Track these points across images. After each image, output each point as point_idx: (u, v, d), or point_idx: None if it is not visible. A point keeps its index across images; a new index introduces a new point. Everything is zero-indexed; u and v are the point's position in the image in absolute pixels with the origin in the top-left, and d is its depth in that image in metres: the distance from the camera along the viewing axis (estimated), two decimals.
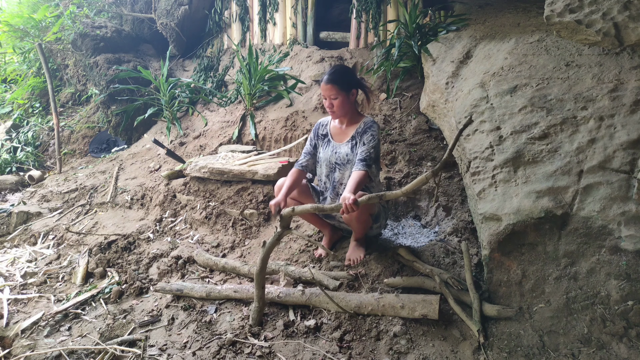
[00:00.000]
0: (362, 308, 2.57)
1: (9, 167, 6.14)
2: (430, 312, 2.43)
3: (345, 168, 2.97)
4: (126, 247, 3.80)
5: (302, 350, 2.47)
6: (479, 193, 2.72)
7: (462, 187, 3.53)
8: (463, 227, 3.18)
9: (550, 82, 2.98)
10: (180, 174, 4.57)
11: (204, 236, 3.91)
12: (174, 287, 3.02)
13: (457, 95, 3.44)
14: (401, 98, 4.72)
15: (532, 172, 2.63)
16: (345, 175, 2.97)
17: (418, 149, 4.06)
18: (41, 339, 2.78)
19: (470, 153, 2.90)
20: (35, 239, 4.24)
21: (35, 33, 6.77)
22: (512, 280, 2.51)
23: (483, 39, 3.77)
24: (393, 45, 4.35)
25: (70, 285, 3.43)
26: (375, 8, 5.26)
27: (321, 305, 2.70)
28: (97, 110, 6.65)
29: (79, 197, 4.87)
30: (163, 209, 4.33)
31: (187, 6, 6.46)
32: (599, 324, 2.27)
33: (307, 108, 4.96)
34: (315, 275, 2.87)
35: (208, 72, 6.52)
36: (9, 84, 7.68)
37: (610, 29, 2.94)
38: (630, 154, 2.49)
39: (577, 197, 2.47)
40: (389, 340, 2.42)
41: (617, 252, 2.35)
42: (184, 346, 2.60)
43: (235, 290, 2.89)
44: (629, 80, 2.79)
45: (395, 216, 3.67)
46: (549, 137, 2.73)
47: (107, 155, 6.04)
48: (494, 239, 2.54)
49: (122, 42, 6.61)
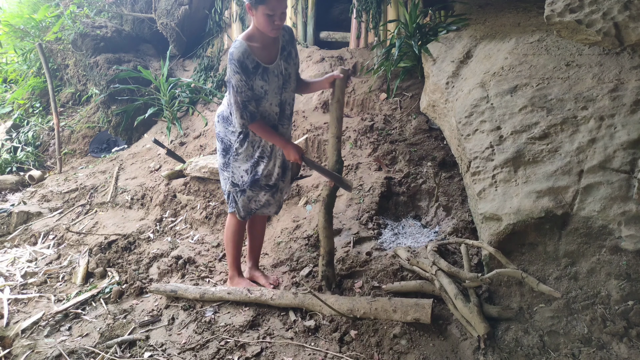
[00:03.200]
0: (354, 311, 2.56)
1: (9, 167, 6.13)
2: (423, 316, 2.42)
3: (289, 86, 2.72)
4: (126, 247, 3.80)
5: (302, 350, 2.47)
6: (479, 193, 2.72)
7: (463, 187, 3.53)
8: (463, 227, 3.18)
9: (551, 82, 2.98)
10: (181, 173, 4.57)
11: (204, 236, 3.91)
12: (168, 288, 3.01)
13: (457, 95, 3.44)
14: (401, 98, 4.71)
15: (533, 172, 2.63)
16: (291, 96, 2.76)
17: (418, 149, 4.05)
18: (41, 339, 2.78)
19: (470, 153, 2.90)
20: (35, 238, 4.24)
21: (36, 33, 6.77)
22: (512, 280, 2.51)
23: (483, 38, 3.77)
24: (393, 45, 4.35)
25: (70, 285, 3.43)
26: (375, 8, 5.26)
27: (314, 308, 2.70)
28: (97, 110, 6.65)
29: (79, 197, 4.87)
30: (163, 209, 4.33)
31: (187, 6, 6.46)
32: (600, 324, 2.27)
33: (307, 108, 4.96)
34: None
35: (208, 72, 6.52)
36: (9, 84, 7.68)
37: (611, 29, 2.94)
38: (631, 153, 2.49)
39: (578, 197, 2.47)
40: (389, 340, 2.42)
41: (617, 252, 2.35)
42: (183, 346, 2.60)
43: (229, 292, 2.88)
44: (629, 80, 2.79)
45: (395, 216, 3.67)
46: (549, 137, 2.72)
47: (107, 155, 6.04)
48: (494, 238, 2.54)
49: (122, 42, 6.61)
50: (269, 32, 2.52)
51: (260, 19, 2.46)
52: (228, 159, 2.78)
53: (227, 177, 2.83)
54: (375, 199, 3.61)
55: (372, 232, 3.37)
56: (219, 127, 2.80)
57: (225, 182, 2.87)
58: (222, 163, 2.83)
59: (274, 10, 2.45)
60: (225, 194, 2.92)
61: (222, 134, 2.78)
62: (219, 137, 2.81)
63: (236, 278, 3.04)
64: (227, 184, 2.85)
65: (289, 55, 2.70)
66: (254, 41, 2.53)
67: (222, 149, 2.80)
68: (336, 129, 2.77)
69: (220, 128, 2.78)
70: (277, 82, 2.64)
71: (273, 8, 2.44)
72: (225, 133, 2.75)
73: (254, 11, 2.46)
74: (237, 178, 2.78)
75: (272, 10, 2.44)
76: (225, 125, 2.74)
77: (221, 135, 2.78)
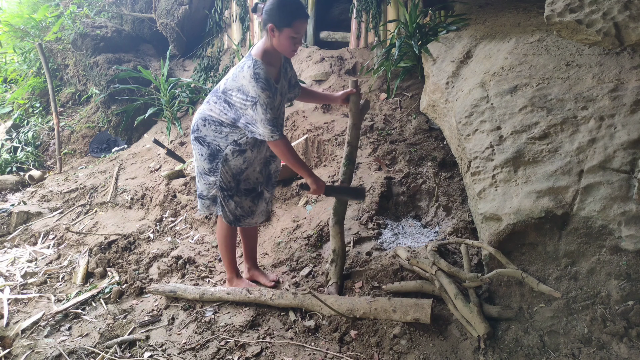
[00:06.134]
0: (354, 311, 2.56)
1: (9, 167, 6.13)
2: (423, 316, 2.41)
3: (284, 102, 2.80)
4: (126, 247, 3.80)
5: (302, 350, 2.47)
6: (479, 193, 2.72)
7: (463, 187, 3.53)
8: (463, 227, 3.18)
9: (551, 82, 2.98)
10: (181, 173, 4.57)
11: (204, 236, 3.91)
12: (168, 289, 3.00)
13: (457, 95, 3.44)
14: (401, 98, 4.71)
15: (533, 172, 2.63)
16: (283, 111, 2.84)
17: (418, 149, 4.06)
18: (41, 339, 2.78)
19: (470, 153, 2.90)
20: (35, 238, 4.24)
21: (36, 33, 6.77)
22: (512, 280, 2.51)
23: (483, 38, 3.77)
24: (393, 45, 4.35)
25: (70, 285, 3.43)
26: (375, 8, 5.26)
27: (314, 309, 2.69)
28: (97, 110, 6.65)
29: (79, 197, 4.87)
30: (163, 209, 4.33)
31: (187, 6, 6.46)
32: (600, 324, 2.27)
33: (307, 108, 4.96)
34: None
35: (208, 72, 6.52)
36: (9, 84, 7.68)
37: (611, 29, 2.94)
38: (631, 153, 2.49)
39: (578, 197, 2.47)
40: (389, 340, 2.42)
41: (617, 252, 2.35)
42: (183, 346, 2.60)
43: (228, 292, 2.88)
44: (629, 80, 2.79)
45: (395, 216, 3.67)
46: (549, 137, 2.72)
47: (107, 155, 6.04)
48: (494, 238, 2.54)
49: (122, 42, 6.61)
50: (289, 53, 2.54)
51: (283, 41, 2.46)
52: (216, 164, 2.69)
53: (212, 182, 2.73)
54: (375, 199, 3.61)
55: (372, 232, 3.37)
56: (205, 130, 2.66)
57: (208, 187, 2.76)
58: (207, 168, 2.72)
59: (299, 32, 2.46)
60: (203, 200, 2.82)
61: (209, 138, 2.66)
62: (204, 140, 2.68)
63: (235, 279, 3.04)
64: (211, 188, 2.76)
65: (285, 73, 2.72)
66: (268, 61, 2.52)
67: (208, 154, 2.69)
68: (350, 137, 3.01)
69: (207, 132, 2.66)
70: (280, 100, 2.67)
71: (298, 31, 2.45)
72: (214, 137, 2.65)
73: (278, 33, 2.44)
74: (225, 182, 2.72)
75: (297, 33, 2.45)
76: (216, 130, 2.64)
77: (208, 139, 2.67)
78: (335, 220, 2.99)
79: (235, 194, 2.76)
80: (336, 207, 3.01)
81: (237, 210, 2.81)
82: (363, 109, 3.05)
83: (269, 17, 2.44)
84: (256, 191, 2.86)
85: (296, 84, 2.88)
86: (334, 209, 3.01)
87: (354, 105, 2.97)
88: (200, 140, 2.70)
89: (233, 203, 2.77)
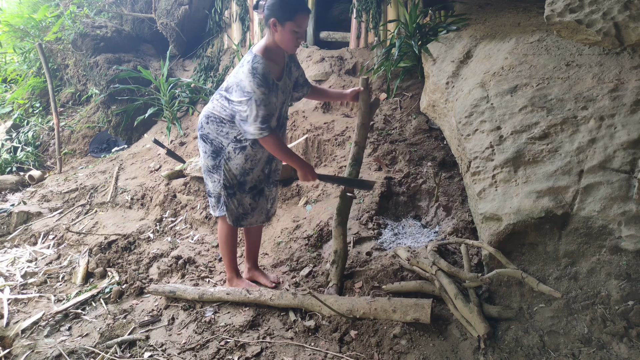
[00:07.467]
0: (354, 312, 2.56)
1: (9, 167, 6.13)
2: (423, 316, 2.41)
3: (288, 101, 2.77)
4: (126, 247, 3.80)
5: (302, 350, 2.47)
6: (479, 193, 2.72)
7: (462, 187, 3.53)
8: (463, 227, 3.18)
9: (551, 82, 2.98)
10: (181, 173, 4.57)
11: (204, 236, 3.91)
12: (167, 289, 3.00)
13: (457, 95, 3.44)
14: (401, 98, 4.71)
15: (533, 172, 2.63)
16: (287, 110, 2.81)
17: (418, 149, 4.05)
18: (41, 339, 2.78)
19: (470, 153, 2.90)
20: (35, 238, 4.24)
21: (36, 33, 6.77)
22: (512, 280, 2.51)
23: (483, 38, 3.77)
24: (393, 45, 4.34)
25: (70, 285, 3.43)
26: (375, 8, 5.26)
27: (314, 309, 2.69)
28: (97, 110, 6.65)
29: (79, 197, 4.87)
30: (163, 209, 4.33)
31: (187, 6, 6.46)
32: (600, 324, 2.27)
33: (307, 108, 4.96)
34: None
35: (208, 72, 6.52)
36: (9, 84, 7.68)
37: (611, 29, 2.94)
38: (631, 153, 2.49)
39: (578, 197, 2.47)
40: (389, 340, 2.41)
41: (617, 252, 2.35)
42: (183, 346, 2.60)
43: (228, 292, 2.88)
44: (629, 80, 2.79)
45: (395, 216, 3.67)
46: (549, 137, 2.72)
47: (107, 155, 6.04)
48: (494, 238, 2.54)
49: (122, 42, 6.61)
50: (291, 48, 2.53)
51: (285, 35, 2.46)
52: (219, 161, 2.70)
53: (217, 179, 2.74)
54: (375, 198, 3.61)
55: (372, 232, 3.37)
56: (208, 128, 2.68)
57: (214, 185, 2.78)
58: (211, 165, 2.73)
59: (301, 26, 2.45)
60: (211, 198, 2.84)
61: (212, 136, 2.68)
62: (207, 138, 2.70)
63: (235, 280, 3.04)
64: (216, 186, 2.77)
65: (289, 72, 2.71)
66: (270, 58, 2.51)
67: (211, 151, 2.70)
68: (358, 137, 3.01)
69: (210, 129, 2.68)
70: (282, 97, 2.65)
71: (300, 24, 2.44)
72: (216, 135, 2.66)
73: (280, 27, 2.44)
74: (228, 180, 2.72)
75: (299, 27, 2.45)
76: (218, 127, 2.65)
77: (211, 136, 2.68)
78: (338, 221, 2.95)
79: (237, 191, 2.76)
80: (340, 206, 2.97)
81: (239, 209, 2.81)
82: (372, 108, 2.99)
83: (271, 12, 2.44)
84: (257, 188, 2.86)
85: (305, 82, 2.88)
86: (338, 208, 2.97)
87: (364, 103, 2.92)
88: (204, 137, 2.71)
89: (235, 201, 2.77)
